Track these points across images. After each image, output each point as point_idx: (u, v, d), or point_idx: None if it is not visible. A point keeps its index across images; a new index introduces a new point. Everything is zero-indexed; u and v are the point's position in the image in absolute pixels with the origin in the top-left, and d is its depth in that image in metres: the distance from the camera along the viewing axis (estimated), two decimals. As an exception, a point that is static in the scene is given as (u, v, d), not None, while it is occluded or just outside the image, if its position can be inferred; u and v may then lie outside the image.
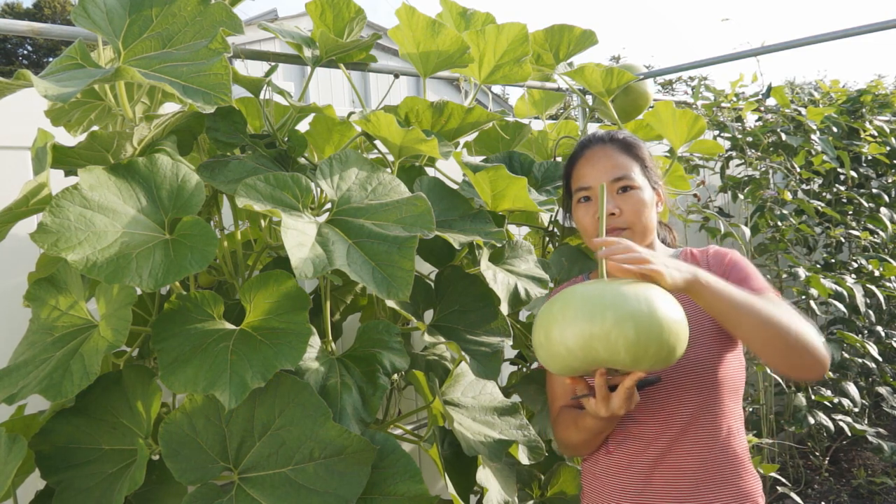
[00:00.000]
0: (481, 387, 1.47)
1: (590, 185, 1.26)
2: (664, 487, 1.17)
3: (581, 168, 1.30)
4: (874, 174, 3.45)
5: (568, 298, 0.97)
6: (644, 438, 1.19)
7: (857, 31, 1.84)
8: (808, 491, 3.05)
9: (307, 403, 1.05)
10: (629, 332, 0.90)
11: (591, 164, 1.28)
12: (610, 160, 1.27)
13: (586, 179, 1.27)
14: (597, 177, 1.26)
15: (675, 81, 15.79)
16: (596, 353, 0.93)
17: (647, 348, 0.91)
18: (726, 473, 1.17)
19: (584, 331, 0.92)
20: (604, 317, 0.91)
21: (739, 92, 3.08)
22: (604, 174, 1.25)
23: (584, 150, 1.31)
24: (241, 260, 1.34)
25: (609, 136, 1.31)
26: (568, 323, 0.94)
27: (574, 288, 0.99)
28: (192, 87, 0.97)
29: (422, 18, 1.50)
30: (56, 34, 1.21)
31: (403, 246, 1.10)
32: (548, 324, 0.98)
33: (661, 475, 1.17)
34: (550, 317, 0.98)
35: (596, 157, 1.28)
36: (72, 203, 0.95)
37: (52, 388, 0.97)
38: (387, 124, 1.32)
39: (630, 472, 1.20)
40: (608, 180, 1.24)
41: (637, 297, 0.92)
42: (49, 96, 0.87)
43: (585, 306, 0.93)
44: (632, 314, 0.91)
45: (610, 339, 0.91)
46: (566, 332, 0.94)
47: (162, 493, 1.11)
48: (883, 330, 3.16)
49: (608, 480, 1.23)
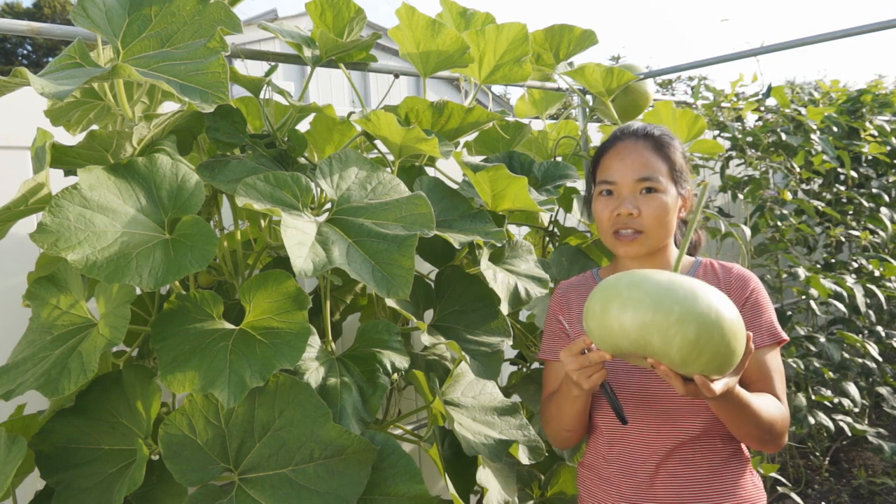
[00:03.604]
0: (481, 387, 1.47)
1: (615, 180, 1.22)
2: (665, 496, 1.16)
3: (609, 160, 1.25)
4: (874, 174, 3.44)
5: (638, 279, 0.94)
6: (648, 448, 1.18)
7: (857, 31, 1.83)
8: (808, 491, 3.04)
9: (307, 403, 1.05)
10: (689, 333, 0.88)
11: (619, 157, 1.23)
12: (640, 157, 1.22)
13: (611, 173, 1.23)
14: (623, 172, 1.21)
15: (675, 81, 15.79)
16: (648, 343, 0.91)
17: (701, 356, 0.90)
18: (727, 484, 1.17)
19: (646, 318, 0.90)
20: (670, 310, 0.88)
21: (739, 92, 3.08)
22: (630, 171, 1.21)
23: (615, 141, 1.26)
24: (240, 259, 1.34)
25: (644, 130, 1.26)
26: (632, 304, 0.91)
27: (647, 271, 0.96)
28: (189, 86, 0.97)
29: (422, 18, 1.50)
30: (56, 34, 1.21)
31: (403, 245, 1.09)
32: (609, 297, 0.94)
33: (663, 483, 1.16)
34: (615, 291, 0.94)
35: (626, 152, 1.23)
36: (71, 203, 0.95)
37: (50, 385, 0.97)
38: (387, 124, 1.32)
39: (631, 481, 1.19)
40: (633, 179, 1.20)
41: (709, 303, 0.90)
42: (46, 94, 0.87)
43: (655, 293, 0.90)
44: (698, 317, 0.88)
45: (668, 334, 0.89)
46: (627, 312, 0.91)
47: (162, 493, 1.10)
48: (883, 330, 3.16)
49: (608, 489, 1.22)
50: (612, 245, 1.23)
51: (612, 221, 1.21)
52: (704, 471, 1.16)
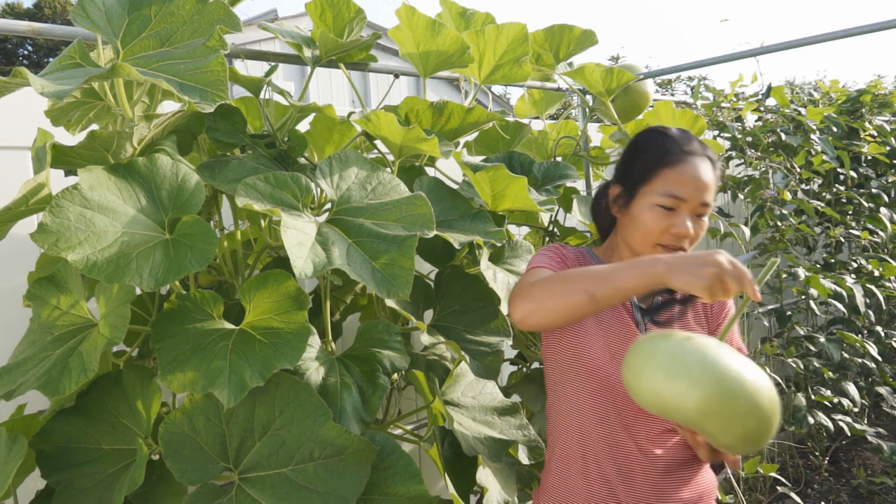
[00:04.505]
0: (481, 387, 1.47)
1: (684, 197, 1.17)
2: (633, 489, 1.19)
3: (680, 175, 1.18)
4: (874, 174, 3.44)
5: (711, 361, 0.89)
6: (647, 457, 1.20)
7: (857, 31, 1.84)
8: (807, 491, 3.05)
9: (307, 403, 1.05)
10: (750, 427, 0.88)
11: (692, 175, 1.17)
12: (707, 180, 1.18)
13: (682, 190, 1.17)
14: (693, 193, 1.17)
15: (675, 81, 15.79)
16: (703, 425, 0.90)
17: (752, 445, 0.90)
18: (686, 473, 1.21)
19: (715, 406, 0.87)
20: (739, 404, 0.87)
21: (739, 92, 3.08)
22: (699, 193, 1.17)
23: (686, 156, 1.19)
24: (241, 259, 1.34)
25: (706, 150, 1.22)
26: (702, 388, 0.88)
27: (713, 345, 0.92)
28: (188, 85, 0.98)
29: (422, 18, 1.50)
30: (56, 34, 1.21)
31: (403, 245, 1.10)
32: (677, 372, 0.89)
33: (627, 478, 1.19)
34: (683, 366, 0.89)
35: (698, 172, 1.18)
36: (72, 203, 0.95)
37: (51, 385, 0.97)
38: (387, 124, 1.32)
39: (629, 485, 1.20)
40: (699, 202, 1.17)
41: (770, 397, 0.90)
42: (45, 93, 0.87)
43: (728, 383, 0.88)
44: (762, 413, 0.88)
45: (731, 424, 0.88)
46: (693, 393, 0.88)
47: (162, 493, 1.11)
48: (883, 330, 3.16)
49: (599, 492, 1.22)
50: (650, 253, 1.20)
51: (664, 236, 1.18)
52: (687, 464, 1.21)
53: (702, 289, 0.92)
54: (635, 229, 1.21)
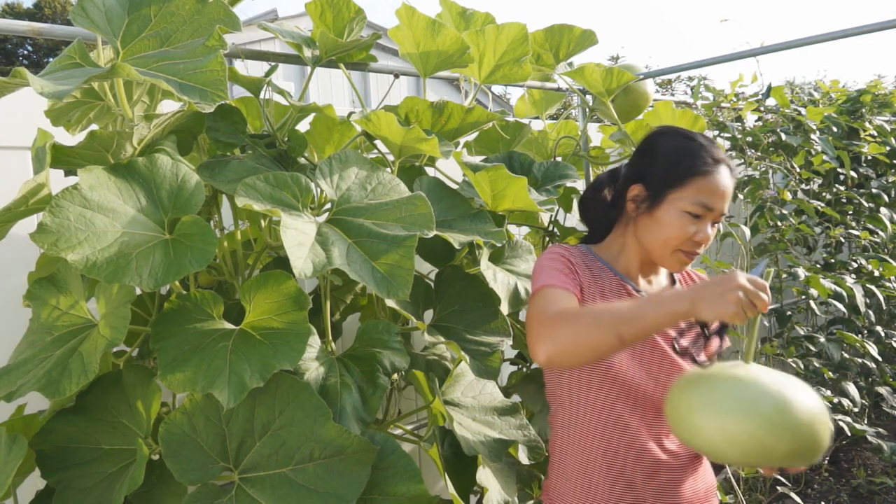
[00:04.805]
0: (481, 387, 1.47)
1: (714, 208, 1.19)
2: (657, 487, 1.19)
3: (714, 184, 1.20)
4: (874, 174, 3.44)
5: (786, 405, 0.91)
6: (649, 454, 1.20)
7: (857, 31, 1.84)
8: (807, 491, 3.05)
9: (307, 403, 1.05)
10: (812, 457, 0.92)
11: (723, 187, 1.21)
12: (731, 189, 1.22)
13: (714, 200, 1.19)
14: (721, 204, 1.20)
15: (675, 81, 15.78)
16: (760, 463, 0.93)
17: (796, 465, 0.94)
18: (696, 465, 1.23)
19: (792, 448, 0.90)
20: (811, 446, 0.91)
21: (739, 92, 3.08)
22: (724, 205, 1.20)
23: (719, 166, 1.21)
24: (240, 260, 1.34)
25: (728, 156, 1.25)
26: (787, 437, 0.90)
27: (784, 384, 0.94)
28: (188, 84, 0.98)
29: (422, 18, 1.50)
30: (56, 34, 1.21)
31: (403, 245, 1.10)
32: (763, 422, 0.90)
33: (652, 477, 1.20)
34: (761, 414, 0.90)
35: (728, 182, 1.21)
36: (72, 203, 0.95)
37: (51, 386, 0.97)
38: (387, 124, 1.32)
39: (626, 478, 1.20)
40: (721, 212, 1.20)
41: (829, 431, 0.94)
42: (45, 93, 0.87)
43: (803, 429, 0.91)
44: (822, 447, 0.93)
45: (791, 460, 0.92)
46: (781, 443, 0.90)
47: (162, 492, 1.11)
48: (883, 330, 3.16)
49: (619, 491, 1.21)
50: (668, 257, 1.22)
51: (686, 241, 1.19)
52: (698, 457, 1.24)
53: (732, 315, 0.93)
54: (658, 233, 1.21)
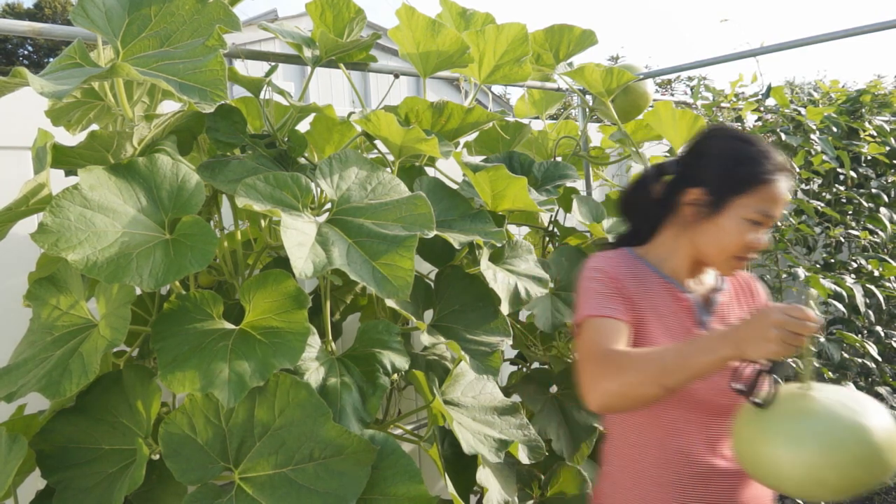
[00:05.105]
0: (481, 386, 1.47)
1: (775, 216, 1.21)
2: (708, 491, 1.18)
3: (778, 193, 1.20)
4: (874, 174, 3.44)
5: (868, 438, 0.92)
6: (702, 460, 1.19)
7: (857, 31, 1.84)
8: (807, 491, 3.04)
9: (307, 403, 1.05)
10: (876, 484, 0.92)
11: (784, 195, 1.21)
12: (788, 197, 1.23)
13: (776, 210, 1.20)
14: (780, 212, 1.21)
15: (675, 81, 15.78)
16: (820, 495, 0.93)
17: None
18: None
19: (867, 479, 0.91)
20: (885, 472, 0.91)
21: (739, 92, 3.08)
22: (782, 210, 1.22)
23: (783, 174, 1.21)
24: (240, 259, 1.34)
25: (787, 167, 1.25)
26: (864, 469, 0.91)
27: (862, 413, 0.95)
28: (188, 84, 0.98)
29: (422, 18, 1.50)
30: (56, 34, 1.21)
31: (403, 245, 1.10)
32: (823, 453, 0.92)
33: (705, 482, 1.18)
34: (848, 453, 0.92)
35: (787, 190, 1.22)
36: (72, 203, 0.95)
37: (51, 387, 0.97)
38: (387, 124, 1.32)
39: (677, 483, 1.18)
40: (778, 218, 1.21)
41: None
42: (45, 93, 0.87)
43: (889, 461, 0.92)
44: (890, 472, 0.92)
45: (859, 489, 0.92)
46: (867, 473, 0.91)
47: (162, 492, 1.11)
48: (882, 330, 3.16)
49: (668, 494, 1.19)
50: (723, 262, 1.22)
51: (746, 248, 1.20)
52: None
53: (777, 352, 0.96)
54: (718, 239, 1.21)
